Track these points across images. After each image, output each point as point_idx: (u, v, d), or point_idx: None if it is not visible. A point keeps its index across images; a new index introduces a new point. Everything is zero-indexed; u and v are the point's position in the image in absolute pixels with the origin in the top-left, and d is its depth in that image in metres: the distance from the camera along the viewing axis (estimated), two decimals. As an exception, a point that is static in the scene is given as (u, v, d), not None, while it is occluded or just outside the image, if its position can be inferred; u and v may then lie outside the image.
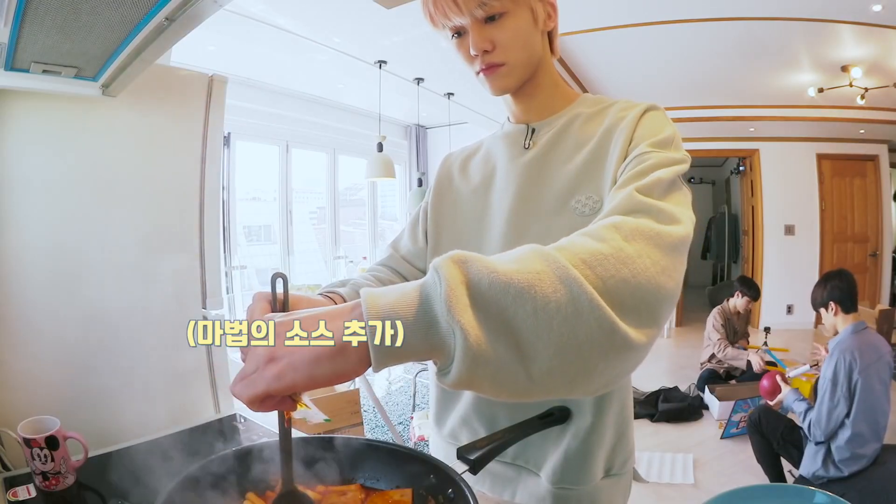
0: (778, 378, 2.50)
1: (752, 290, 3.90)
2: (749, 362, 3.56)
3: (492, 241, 0.85)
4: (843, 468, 2.11)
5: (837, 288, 2.23)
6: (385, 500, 0.71)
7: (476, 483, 0.91)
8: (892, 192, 5.90)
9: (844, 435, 2.10)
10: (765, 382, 2.56)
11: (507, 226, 0.84)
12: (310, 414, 0.51)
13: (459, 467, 0.67)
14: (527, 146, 0.87)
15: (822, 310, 2.30)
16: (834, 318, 2.25)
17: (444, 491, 0.67)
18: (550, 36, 0.86)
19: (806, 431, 2.23)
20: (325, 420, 0.54)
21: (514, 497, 0.88)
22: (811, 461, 2.22)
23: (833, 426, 2.12)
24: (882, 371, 2.11)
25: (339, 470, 0.74)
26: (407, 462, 0.74)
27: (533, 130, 0.87)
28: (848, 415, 2.09)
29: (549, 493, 0.84)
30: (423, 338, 0.43)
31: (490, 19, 0.78)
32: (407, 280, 0.94)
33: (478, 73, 0.82)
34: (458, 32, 0.81)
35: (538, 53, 0.84)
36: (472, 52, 0.80)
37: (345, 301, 0.77)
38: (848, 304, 2.22)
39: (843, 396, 2.08)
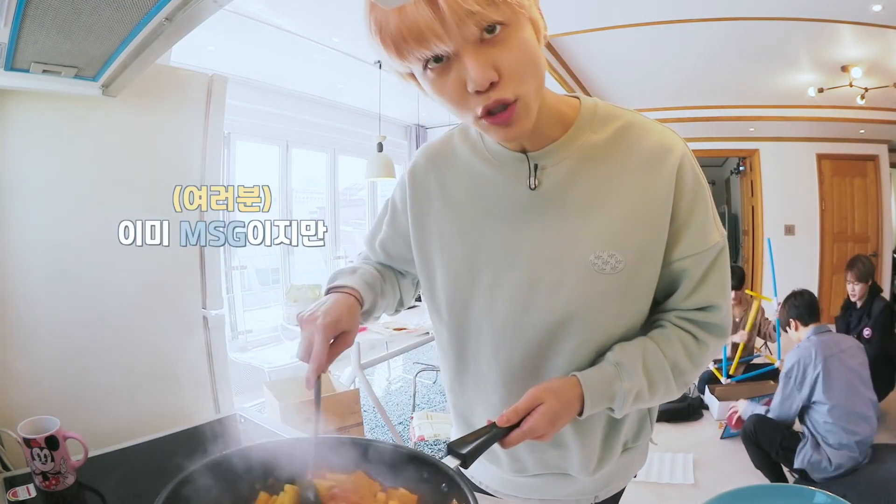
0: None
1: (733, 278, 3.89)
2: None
3: (501, 289, 0.78)
4: (833, 454, 2.15)
5: (794, 306, 2.45)
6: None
7: (502, 487, 0.93)
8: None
9: (821, 417, 2.22)
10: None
11: (522, 275, 0.76)
12: None
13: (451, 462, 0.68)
14: (532, 186, 0.75)
15: (789, 329, 2.50)
16: (796, 333, 2.45)
17: (439, 486, 0.68)
18: None
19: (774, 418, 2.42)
20: None
21: (546, 495, 0.91)
22: (802, 452, 2.29)
23: (786, 413, 2.35)
24: (847, 359, 2.25)
25: (328, 470, 0.74)
26: (398, 460, 0.74)
27: (535, 166, 0.74)
28: (810, 401, 2.27)
29: (576, 483, 0.88)
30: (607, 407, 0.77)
31: (489, 31, 0.58)
32: (394, 274, 0.96)
33: (479, 117, 0.63)
34: (438, 59, 0.60)
35: (544, 77, 0.67)
36: (473, 88, 0.60)
37: (361, 298, 0.82)
38: (806, 317, 2.41)
39: (796, 387, 2.29)
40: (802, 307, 2.42)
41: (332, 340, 0.73)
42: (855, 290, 3.41)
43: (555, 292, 0.75)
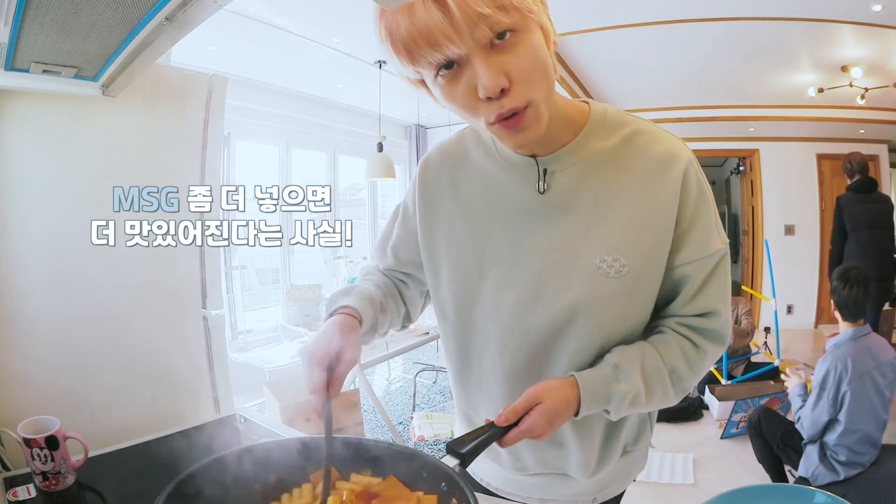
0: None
1: None
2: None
3: (507, 291, 0.78)
4: (840, 468, 2.12)
5: (838, 294, 2.25)
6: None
7: (503, 485, 0.94)
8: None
9: (833, 435, 2.12)
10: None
11: (529, 277, 0.77)
12: None
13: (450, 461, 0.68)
14: (542, 190, 0.76)
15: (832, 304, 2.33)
16: (835, 313, 2.28)
17: (438, 485, 0.68)
18: None
19: (798, 427, 2.27)
20: None
21: (545, 495, 0.91)
22: (808, 459, 2.23)
23: (817, 429, 2.15)
24: (878, 377, 2.11)
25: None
26: (397, 459, 0.74)
27: (545, 171, 0.75)
28: (834, 419, 2.12)
29: (575, 484, 0.88)
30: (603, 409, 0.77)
31: (499, 38, 0.59)
32: (397, 288, 0.94)
33: (491, 123, 0.63)
34: (449, 64, 0.60)
35: (554, 82, 0.67)
36: (484, 95, 0.60)
37: (360, 316, 0.80)
38: (846, 313, 2.23)
39: (828, 403, 2.11)
40: (844, 300, 2.22)
41: (333, 369, 0.73)
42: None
43: (560, 295, 0.76)
